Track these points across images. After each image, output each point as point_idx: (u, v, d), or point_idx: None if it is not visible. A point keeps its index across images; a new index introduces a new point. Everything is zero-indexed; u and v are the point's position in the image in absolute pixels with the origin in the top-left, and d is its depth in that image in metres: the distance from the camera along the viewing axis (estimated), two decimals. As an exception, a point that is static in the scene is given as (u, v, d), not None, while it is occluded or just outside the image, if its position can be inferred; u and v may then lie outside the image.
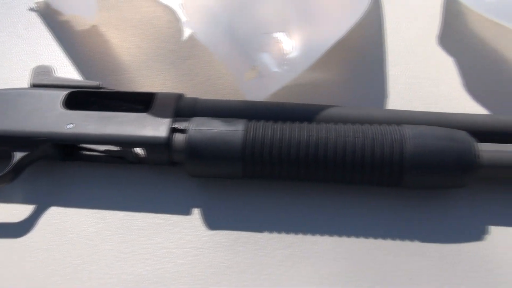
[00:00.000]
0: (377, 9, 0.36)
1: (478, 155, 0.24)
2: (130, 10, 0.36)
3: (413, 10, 0.35)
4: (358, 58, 0.33)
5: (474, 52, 0.33)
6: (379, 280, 0.24)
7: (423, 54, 0.33)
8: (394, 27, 0.35)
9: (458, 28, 0.34)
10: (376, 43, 0.34)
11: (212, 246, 0.26)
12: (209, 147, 0.25)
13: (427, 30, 0.34)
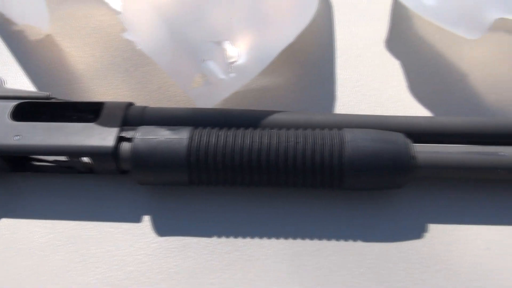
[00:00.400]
0: (327, 13, 0.36)
1: (413, 156, 0.25)
2: (84, 19, 0.37)
3: (362, 15, 0.36)
4: (308, 63, 0.34)
5: (419, 55, 0.34)
6: (323, 281, 0.25)
7: (370, 58, 0.34)
8: (344, 31, 0.35)
9: (405, 32, 0.35)
10: (325, 47, 0.34)
11: (161, 252, 0.26)
12: (154, 156, 0.25)
13: (375, 34, 0.35)
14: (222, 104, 0.32)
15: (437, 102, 0.31)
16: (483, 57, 0.33)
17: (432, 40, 0.34)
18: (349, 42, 0.35)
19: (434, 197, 0.27)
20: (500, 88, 0.32)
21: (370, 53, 0.34)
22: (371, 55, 0.34)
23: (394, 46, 0.34)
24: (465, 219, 0.26)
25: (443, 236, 0.26)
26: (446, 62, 0.33)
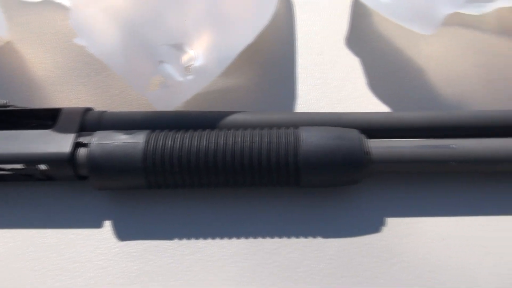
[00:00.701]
0: (288, 12, 0.37)
1: (368, 152, 0.25)
2: (44, 25, 0.36)
3: (323, 13, 0.37)
4: (269, 62, 0.34)
5: (378, 52, 0.34)
6: (283, 278, 0.25)
7: (331, 56, 0.34)
8: (305, 30, 0.36)
9: (364, 29, 0.35)
10: (286, 46, 0.35)
11: (122, 257, 0.26)
12: (110, 161, 0.25)
13: (335, 32, 0.35)
14: (183, 107, 0.32)
15: (395, 97, 0.32)
16: (440, 52, 0.34)
17: (390, 36, 0.35)
18: (310, 41, 0.35)
19: (391, 191, 0.27)
20: (456, 81, 0.32)
21: (330, 51, 0.34)
22: (331, 53, 0.34)
23: (354, 43, 0.35)
24: (421, 212, 0.27)
25: (400, 229, 0.26)
26: (404, 58, 0.34)
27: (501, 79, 0.32)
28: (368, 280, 0.25)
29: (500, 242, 0.26)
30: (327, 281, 0.25)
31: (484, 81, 0.32)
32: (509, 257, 0.25)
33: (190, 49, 0.29)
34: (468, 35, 0.34)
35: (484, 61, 0.33)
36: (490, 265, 0.25)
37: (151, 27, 0.28)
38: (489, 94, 0.31)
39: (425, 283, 0.25)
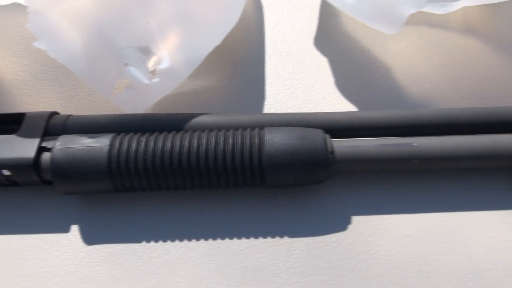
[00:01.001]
0: (257, 13, 0.37)
1: (331, 151, 0.26)
2: (10, 28, 0.36)
3: (292, 14, 0.37)
4: (238, 63, 0.34)
5: (346, 51, 0.34)
6: (250, 278, 0.25)
7: (299, 56, 0.34)
8: (273, 30, 0.36)
9: (332, 29, 0.36)
10: (255, 47, 0.35)
11: (89, 261, 0.26)
12: (74, 165, 0.25)
13: (304, 32, 0.36)
14: (152, 109, 0.32)
15: (363, 96, 0.32)
16: (406, 51, 0.34)
17: (358, 36, 0.35)
18: (279, 41, 0.35)
19: (356, 190, 0.28)
20: (422, 80, 0.33)
21: (299, 52, 0.35)
22: (300, 53, 0.34)
23: (322, 44, 0.35)
24: (386, 210, 0.27)
25: (365, 227, 0.27)
26: (371, 57, 0.34)
27: (465, 78, 0.33)
28: (334, 278, 0.25)
29: (462, 237, 0.26)
30: (293, 280, 0.25)
31: (449, 80, 0.32)
32: (470, 251, 0.26)
33: (157, 51, 0.28)
34: (434, 34, 0.35)
35: (449, 59, 0.34)
36: (453, 260, 0.25)
37: (116, 29, 0.28)
38: (454, 92, 0.32)
39: (390, 279, 0.25)
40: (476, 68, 0.33)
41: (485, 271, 0.25)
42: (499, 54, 0.34)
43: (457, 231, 0.26)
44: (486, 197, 0.27)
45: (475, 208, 0.27)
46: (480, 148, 0.26)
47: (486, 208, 0.27)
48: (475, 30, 0.35)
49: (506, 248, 0.26)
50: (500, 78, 0.33)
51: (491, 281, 0.25)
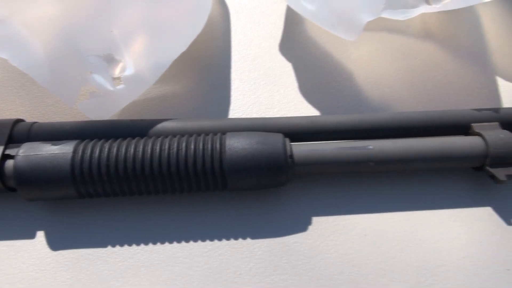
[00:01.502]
0: (224, 20, 0.38)
1: (290, 155, 0.27)
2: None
3: (258, 20, 0.38)
4: (205, 69, 0.35)
5: (310, 57, 0.35)
6: (214, 279, 0.26)
7: (264, 62, 0.35)
8: (240, 37, 0.37)
9: (297, 35, 0.37)
10: (222, 53, 0.36)
11: (55, 267, 0.26)
12: (37, 172, 0.25)
13: (269, 38, 0.36)
14: (119, 115, 0.32)
15: (326, 101, 0.33)
16: (367, 56, 0.35)
17: (321, 42, 0.36)
18: (245, 47, 0.36)
19: (316, 192, 0.29)
20: (382, 84, 0.34)
21: (264, 57, 0.35)
22: (265, 59, 0.35)
23: (286, 49, 0.36)
24: (344, 210, 0.28)
25: (325, 227, 0.28)
26: (334, 62, 0.35)
27: (423, 82, 0.34)
28: (294, 277, 0.26)
29: (416, 236, 0.27)
30: (255, 280, 0.26)
31: (407, 84, 0.34)
32: (423, 248, 0.27)
33: (121, 58, 0.29)
34: (394, 39, 0.36)
35: (408, 64, 0.35)
36: (407, 257, 0.27)
37: (80, 37, 0.28)
38: (412, 96, 0.33)
39: (347, 277, 0.26)
40: (434, 73, 0.34)
41: (436, 267, 0.26)
42: (456, 59, 0.35)
43: (411, 230, 0.28)
44: (438, 196, 0.29)
45: (428, 207, 0.28)
46: (433, 150, 0.27)
47: (438, 207, 0.28)
48: (433, 36, 0.37)
49: (456, 244, 0.27)
50: (456, 82, 0.34)
51: (442, 276, 0.26)
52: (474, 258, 0.27)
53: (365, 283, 0.26)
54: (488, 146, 0.27)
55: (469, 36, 0.37)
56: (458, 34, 0.37)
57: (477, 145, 0.27)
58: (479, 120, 0.29)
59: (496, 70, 0.35)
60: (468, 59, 0.35)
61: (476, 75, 0.35)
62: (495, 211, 0.28)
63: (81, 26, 0.28)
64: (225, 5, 0.39)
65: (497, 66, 0.35)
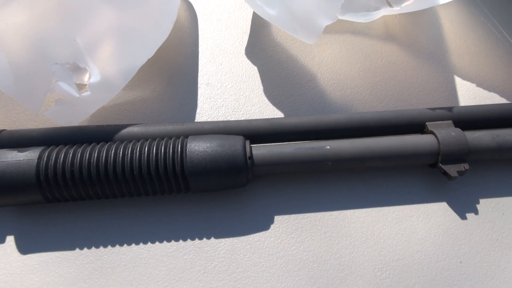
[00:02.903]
0: (192, 25, 0.39)
1: (250, 156, 0.28)
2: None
3: (225, 25, 0.39)
4: (173, 74, 0.35)
5: (275, 60, 0.36)
6: (178, 278, 0.27)
7: (231, 66, 0.36)
8: (207, 41, 0.38)
9: (262, 39, 0.38)
10: (189, 58, 0.36)
11: (24, 270, 0.27)
12: (3, 179, 0.26)
13: (236, 43, 0.37)
14: (89, 121, 0.33)
15: (290, 102, 0.34)
16: (331, 57, 0.36)
17: (286, 45, 0.37)
18: (212, 52, 0.37)
19: (278, 191, 0.30)
20: (344, 85, 0.35)
21: (231, 61, 0.36)
22: (231, 63, 0.36)
23: (252, 53, 0.37)
24: (305, 209, 0.29)
25: (287, 225, 0.29)
26: (298, 65, 0.36)
27: (384, 82, 0.35)
28: (256, 274, 0.27)
29: (374, 232, 0.28)
30: (219, 278, 0.27)
31: (369, 84, 0.35)
32: (381, 244, 0.28)
33: (85, 66, 0.30)
34: (357, 41, 0.37)
35: (370, 65, 0.36)
36: (365, 253, 0.28)
37: (44, 47, 0.29)
38: (373, 95, 0.34)
39: (308, 272, 0.27)
40: (395, 73, 0.36)
41: (393, 261, 0.27)
42: (416, 59, 0.36)
43: (370, 226, 0.29)
44: (397, 193, 0.30)
45: (387, 204, 0.29)
46: (388, 149, 0.28)
47: (397, 204, 0.29)
48: (395, 37, 0.38)
49: (413, 239, 0.28)
50: (415, 81, 0.35)
51: (398, 270, 0.27)
52: (429, 252, 0.28)
53: (325, 278, 0.27)
54: (440, 143, 0.28)
55: (429, 37, 0.38)
56: (418, 35, 0.38)
57: (430, 143, 0.28)
58: (434, 118, 0.30)
59: (454, 70, 0.36)
60: (427, 59, 0.36)
61: (435, 75, 0.36)
62: (450, 206, 0.29)
63: (46, 36, 0.29)
64: (193, 11, 0.39)
65: (454, 65, 0.37)
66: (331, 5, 0.30)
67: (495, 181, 0.30)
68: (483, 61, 0.37)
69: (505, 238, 0.28)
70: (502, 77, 0.36)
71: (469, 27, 0.39)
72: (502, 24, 0.39)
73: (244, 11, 0.39)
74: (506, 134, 0.29)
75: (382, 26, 0.38)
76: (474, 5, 0.40)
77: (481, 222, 0.29)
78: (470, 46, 0.38)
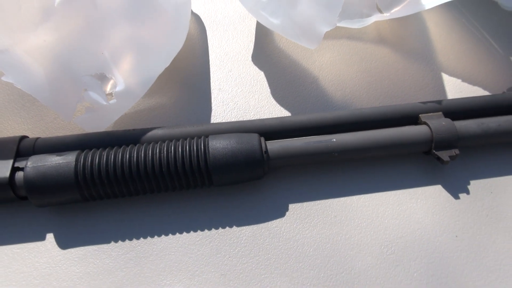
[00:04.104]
0: (202, 35, 0.42)
1: (265, 151, 0.31)
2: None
3: (232, 35, 0.42)
4: (187, 81, 0.39)
5: (279, 65, 0.40)
6: (207, 263, 0.30)
7: (239, 72, 0.39)
8: (216, 50, 0.41)
9: (267, 46, 0.41)
10: (201, 66, 0.40)
11: (65, 263, 0.30)
12: (45, 181, 0.29)
13: (243, 50, 0.41)
14: (112, 127, 0.36)
15: (295, 102, 0.38)
16: (330, 61, 0.40)
17: (288, 51, 0.41)
18: (222, 60, 0.40)
19: (291, 182, 0.33)
20: (344, 85, 0.38)
21: (239, 68, 0.40)
22: (240, 69, 0.40)
23: (258, 59, 0.40)
24: (316, 196, 0.32)
25: (300, 212, 0.32)
26: (301, 68, 0.40)
27: (379, 81, 0.39)
28: (276, 256, 0.30)
29: (378, 214, 0.32)
30: (242, 261, 0.30)
31: (366, 83, 0.38)
32: (385, 224, 0.31)
33: (111, 76, 0.33)
34: (352, 45, 0.41)
35: (366, 66, 0.40)
36: (372, 232, 0.31)
37: (74, 60, 0.32)
38: (370, 93, 0.38)
39: (321, 252, 0.30)
40: (388, 72, 0.39)
41: (397, 239, 0.31)
42: (406, 59, 0.40)
43: (375, 209, 0.32)
44: (397, 179, 0.33)
45: (388, 188, 0.33)
46: (387, 139, 0.32)
47: (397, 188, 0.33)
48: (387, 40, 0.42)
49: (413, 218, 0.32)
50: (407, 79, 0.39)
51: (402, 246, 0.30)
52: (428, 229, 0.31)
53: (337, 256, 0.30)
54: (433, 132, 0.32)
55: (417, 39, 0.42)
56: (407, 37, 0.42)
57: (424, 132, 0.32)
58: (426, 111, 0.34)
59: (441, 67, 0.40)
60: (416, 59, 0.40)
61: (424, 72, 0.40)
62: (444, 188, 0.33)
63: (75, 50, 0.32)
64: (202, 23, 0.43)
65: (441, 63, 0.40)
66: (330, 13, 0.33)
67: (483, 164, 0.34)
68: (466, 58, 0.41)
69: (494, 213, 0.32)
70: (484, 72, 0.40)
71: (452, 29, 0.43)
72: (481, 25, 0.43)
73: (248, 21, 0.43)
74: (489, 122, 0.33)
75: (374, 31, 0.42)
76: (455, 9, 0.44)
77: (472, 200, 0.33)
78: (454, 46, 0.42)
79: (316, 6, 0.34)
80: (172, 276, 0.30)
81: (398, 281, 0.29)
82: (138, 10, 0.33)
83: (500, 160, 0.35)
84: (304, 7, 0.34)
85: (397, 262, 0.30)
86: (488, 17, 0.44)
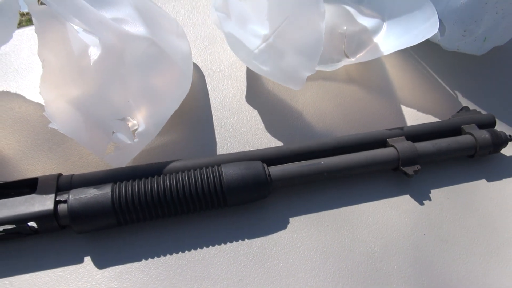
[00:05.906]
0: (202, 82, 0.49)
1: (268, 174, 0.38)
2: (5, 113, 0.44)
3: (227, 80, 0.50)
4: (193, 120, 0.45)
5: (269, 103, 0.48)
6: (226, 271, 0.36)
7: (236, 110, 0.47)
8: (216, 93, 0.48)
9: (258, 88, 0.49)
10: (204, 107, 0.47)
11: (103, 281, 0.35)
12: (86, 210, 0.34)
13: (237, 93, 0.48)
14: (132, 162, 0.42)
15: (285, 134, 0.45)
16: (311, 99, 0.48)
17: (276, 92, 0.49)
18: (221, 101, 0.48)
19: (291, 199, 0.40)
20: (324, 117, 0.47)
21: (236, 107, 0.47)
22: (236, 109, 0.47)
23: (251, 99, 0.48)
24: (312, 210, 0.39)
25: (300, 224, 0.39)
26: (287, 105, 0.48)
27: (352, 113, 0.47)
28: (283, 261, 0.36)
29: (362, 221, 0.39)
30: (256, 268, 0.36)
31: (342, 115, 0.47)
32: (368, 229, 0.38)
33: (133, 119, 0.39)
34: (327, 85, 0.50)
35: (340, 101, 0.48)
36: (358, 236, 0.38)
37: (104, 106, 0.38)
38: (346, 123, 0.46)
39: (320, 255, 0.37)
40: (358, 106, 0.48)
41: (378, 239, 0.38)
42: (372, 94, 0.49)
43: (359, 217, 0.39)
44: (374, 192, 0.41)
45: (368, 200, 0.40)
46: (364, 160, 0.40)
47: (375, 199, 0.40)
48: (355, 80, 0.51)
49: (390, 223, 0.39)
50: (374, 111, 0.48)
51: (383, 245, 0.38)
52: (402, 230, 0.39)
53: (334, 257, 0.37)
54: (399, 153, 0.40)
55: (379, 78, 0.51)
56: (371, 77, 0.51)
57: (392, 153, 0.40)
58: (392, 136, 0.42)
59: (399, 100, 0.49)
60: (380, 94, 0.49)
61: (387, 104, 0.49)
62: (411, 197, 0.41)
63: (105, 99, 0.38)
64: (201, 71, 0.50)
65: (399, 97, 0.50)
66: (310, 62, 0.42)
67: (439, 176, 0.43)
68: (419, 92, 0.50)
69: (451, 214, 0.40)
70: (433, 102, 0.49)
71: (405, 69, 0.53)
72: (427, 65, 0.54)
73: (239, 68, 0.51)
74: (441, 142, 0.42)
75: (344, 73, 0.51)
76: (407, 53, 0.54)
77: (433, 205, 0.41)
78: (408, 83, 0.51)
79: (299, 56, 0.42)
80: (198, 285, 0.35)
81: (383, 273, 0.36)
82: (155, 63, 0.40)
83: (451, 172, 0.43)
84: (289, 57, 0.42)
85: (380, 258, 0.37)
86: (433, 57, 0.55)
